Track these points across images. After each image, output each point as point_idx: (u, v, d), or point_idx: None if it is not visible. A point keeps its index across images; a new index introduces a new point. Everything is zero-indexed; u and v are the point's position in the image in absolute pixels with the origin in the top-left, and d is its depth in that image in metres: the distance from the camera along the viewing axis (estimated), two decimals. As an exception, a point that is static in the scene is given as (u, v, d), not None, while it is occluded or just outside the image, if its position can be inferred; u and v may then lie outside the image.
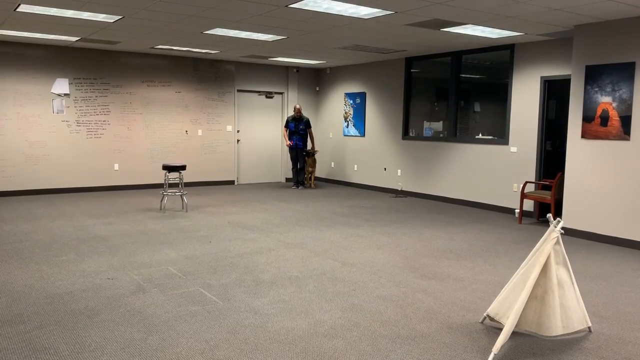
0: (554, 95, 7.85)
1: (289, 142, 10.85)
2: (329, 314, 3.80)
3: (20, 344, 3.19)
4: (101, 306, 3.86)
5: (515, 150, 8.12)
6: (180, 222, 7.07)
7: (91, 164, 9.89)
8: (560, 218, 3.35)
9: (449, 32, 7.19)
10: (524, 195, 7.45)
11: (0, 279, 4.47)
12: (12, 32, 7.92)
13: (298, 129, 10.84)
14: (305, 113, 12.44)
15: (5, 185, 9.16)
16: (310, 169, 11.18)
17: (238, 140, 11.51)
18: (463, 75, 9.07)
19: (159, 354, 3.08)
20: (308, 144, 11.59)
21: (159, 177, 10.56)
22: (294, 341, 3.31)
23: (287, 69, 11.96)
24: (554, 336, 3.45)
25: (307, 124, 10.90)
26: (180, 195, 8.01)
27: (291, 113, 12.23)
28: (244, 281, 4.53)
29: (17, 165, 9.24)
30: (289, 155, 11.42)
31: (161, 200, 8.24)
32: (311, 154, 11.10)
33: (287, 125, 10.90)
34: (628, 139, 6.10)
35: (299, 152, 10.91)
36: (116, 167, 10.12)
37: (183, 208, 8.17)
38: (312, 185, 11.21)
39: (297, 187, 11.02)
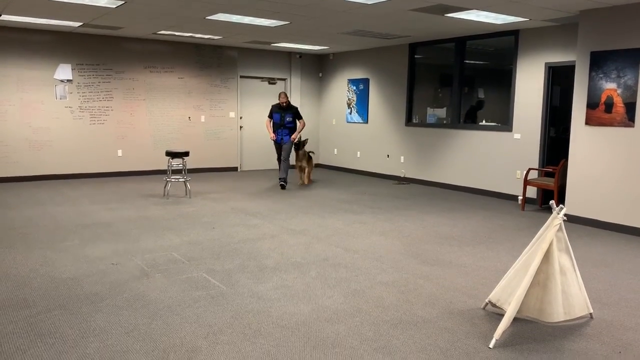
0: (558, 82, 7.81)
1: (272, 135, 8.99)
2: (332, 299, 3.82)
3: (26, 328, 3.22)
4: (105, 291, 3.89)
5: (519, 137, 8.09)
6: (184, 208, 7.09)
7: (94, 150, 9.90)
8: (563, 205, 3.35)
9: (453, 17, 7.13)
10: (527, 182, 7.44)
11: (6, 264, 4.51)
12: (14, 17, 7.89)
13: (284, 121, 8.93)
14: (308, 99, 12.36)
15: (9, 171, 9.19)
16: (300, 164, 9.43)
17: (241, 127, 11.50)
18: (467, 62, 9.02)
19: (163, 339, 3.11)
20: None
21: (162, 163, 10.58)
22: (297, 326, 3.33)
23: (290, 54, 11.91)
24: (556, 322, 3.47)
25: (296, 115, 9.02)
26: (184, 181, 8.03)
27: (289, 101, 12.08)
28: (247, 267, 4.55)
29: (21, 151, 9.26)
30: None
31: (164, 187, 8.26)
32: (301, 144, 9.30)
33: (270, 116, 9.05)
34: (632, 126, 6.07)
35: (286, 147, 9.00)
36: (119, 153, 10.13)
37: (186, 194, 8.19)
38: (306, 182, 9.57)
39: (284, 186, 9.02)
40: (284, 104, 8.91)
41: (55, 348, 2.97)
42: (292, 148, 9.17)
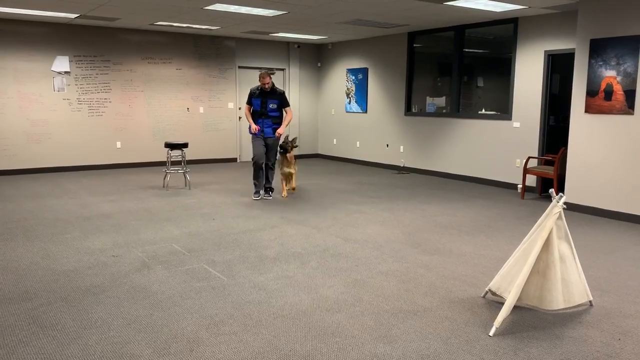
0: (558, 70, 7.78)
1: (255, 126, 6.97)
2: (332, 289, 3.83)
3: (27, 321, 3.23)
4: (106, 283, 3.90)
5: (518, 126, 8.08)
6: (184, 200, 7.09)
7: (93, 142, 9.88)
8: (563, 193, 3.36)
9: (452, 5, 7.09)
10: (526, 171, 7.44)
11: (6, 257, 4.51)
12: (10, 9, 7.84)
13: (266, 109, 6.97)
14: (307, 90, 12.31)
15: (8, 164, 9.18)
16: (286, 170, 7.30)
17: (240, 118, 11.46)
18: (466, 50, 8.98)
19: (165, 330, 3.12)
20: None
21: (162, 154, 10.56)
22: (298, 316, 3.34)
23: (288, 44, 11.85)
24: (555, 310, 3.48)
25: (283, 101, 7.07)
26: (183, 173, 8.02)
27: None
28: (247, 257, 4.56)
29: (20, 144, 9.24)
30: (251, 145, 7.15)
31: (164, 178, 8.26)
32: (289, 146, 7.21)
33: (249, 102, 7.10)
34: (632, 114, 6.06)
35: (271, 145, 7.08)
36: (118, 145, 10.12)
37: (186, 185, 8.19)
38: (284, 194, 7.33)
39: (265, 194, 7.26)
40: (267, 87, 6.93)
41: (57, 340, 2.98)
42: (278, 149, 7.21)
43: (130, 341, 2.97)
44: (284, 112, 7.17)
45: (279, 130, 7.03)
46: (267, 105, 6.98)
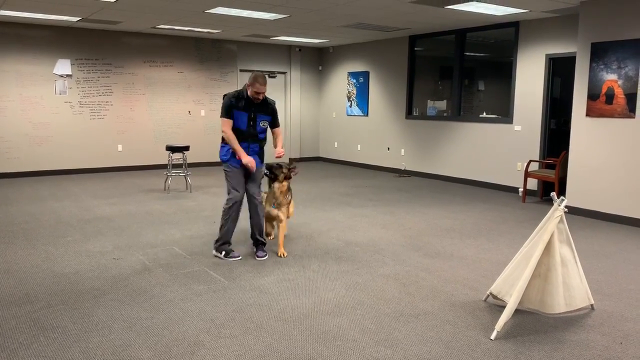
0: (559, 73, 7.79)
1: (249, 158, 4.50)
2: (333, 292, 3.83)
3: (28, 323, 3.23)
4: (107, 286, 3.90)
5: (520, 129, 8.08)
6: (185, 203, 7.09)
7: (95, 145, 9.89)
8: (564, 197, 3.34)
9: (453, 9, 7.10)
10: (527, 174, 7.43)
11: (8, 260, 4.51)
12: (13, 12, 7.86)
13: (256, 128, 4.55)
14: (308, 93, 12.31)
15: (10, 167, 9.19)
16: (278, 210, 4.77)
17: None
18: (467, 54, 8.99)
19: (165, 333, 3.12)
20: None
21: (163, 157, 10.57)
22: (299, 319, 3.34)
23: (289, 48, 11.87)
24: (557, 314, 3.48)
25: (275, 119, 4.68)
26: (184, 175, 8.03)
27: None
28: (248, 260, 4.56)
29: (21, 147, 9.26)
30: (228, 175, 4.59)
31: (165, 181, 8.26)
32: (279, 172, 4.77)
33: (229, 115, 4.44)
34: (633, 117, 6.06)
35: (256, 175, 4.67)
36: (120, 148, 10.13)
37: (187, 188, 8.19)
38: (271, 237, 5.20)
39: (258, 251, 4.68)
40: (260, 98, 4.45)
41: (57, 343, 2.98)
42: (271, 180, 4.81)
43: (131, 344, 2.97)
44: (273, 134, 4.76)
45: (279, 150, 4.67)
46: (256, 121, 4.54)
